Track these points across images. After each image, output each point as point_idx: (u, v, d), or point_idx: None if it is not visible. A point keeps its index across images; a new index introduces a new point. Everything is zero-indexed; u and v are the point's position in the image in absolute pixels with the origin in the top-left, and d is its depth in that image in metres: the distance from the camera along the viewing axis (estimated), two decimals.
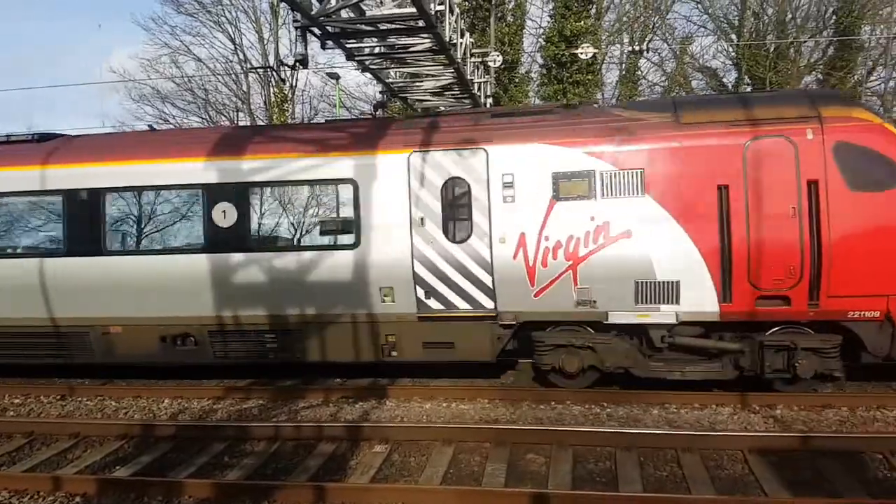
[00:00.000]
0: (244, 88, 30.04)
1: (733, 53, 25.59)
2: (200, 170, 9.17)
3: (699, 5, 26.65)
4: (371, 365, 9.47)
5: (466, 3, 21.86)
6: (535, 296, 8.40)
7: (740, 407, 8.19)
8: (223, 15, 29.40)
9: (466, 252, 8.57)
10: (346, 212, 8.91)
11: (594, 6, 23.79)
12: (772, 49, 25.26)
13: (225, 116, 29.81)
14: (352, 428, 7.60)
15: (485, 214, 8.49)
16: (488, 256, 8.49)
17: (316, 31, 9.87)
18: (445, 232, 8.61)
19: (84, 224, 9.37)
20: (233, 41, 29.76)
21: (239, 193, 9.08)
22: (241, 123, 21.39)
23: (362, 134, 9.20)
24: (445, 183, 8.63)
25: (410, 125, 9.22)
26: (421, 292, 8.69)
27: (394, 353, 9.05)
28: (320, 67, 25.53)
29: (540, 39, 24.90)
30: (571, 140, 8.36)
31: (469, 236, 8.57)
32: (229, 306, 9.13)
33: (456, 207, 8.62)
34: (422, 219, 8.64)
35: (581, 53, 18.40)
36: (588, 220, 8.19)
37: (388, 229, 8.71)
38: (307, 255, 8.92)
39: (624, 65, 24.49)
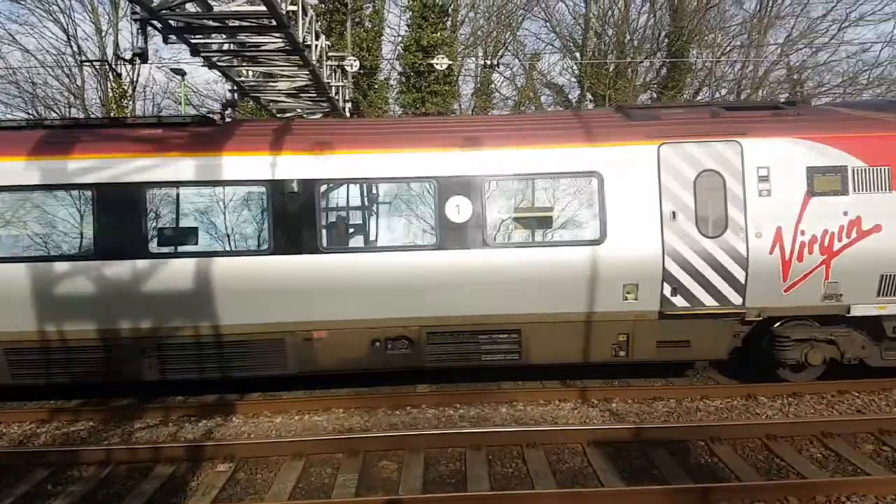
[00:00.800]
0: (78, 83, 27.64)
1: (577, 71, 27.24)
2: (431, 161, 8.43)
3: (547, 24, 28.16)
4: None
5: (322, 6, 21.55)
6: (785, 291, 8.42)
7: (581, 401, 8.66)
8: (55, 3, 26.90)
9: (720, 246, 8.39)
10: (590, 205, 8.47)
11: (450, 19, 24.40)
12: (612, 68, 27.22)
13: (55, 112, 27.21)
14: (192, 447, 7.13)
15: (740, 208, 8.35)
16: (744, 251, 8.35)
17: (157, 24, 9.26)
18: (698, 226, 8.40)
19: (296, 219, 8.30)
20: (66, 31, 27.30)
21: (473, 186, 8.41)
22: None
23: (606, 123, 8.86)
24: (698, 175, 8.43)
25: (655, 115, 8.98)
26: (668, 289, 8.42)
27: (622, 353, 8.74)
28: (165, 62, 24.09)
29: (398, 47, 25.13)
30: (825, 135, 8.46)
31: (724, 231, 8.38)
32: (454, 306, 8.44)
33: (709, 201, 8.39)
34: (673, 213, 8.38)
35: (437, 64, 18.75)
36: (841, 214, 8.32)
37: (637, 224, 8.36)
38: (547, 251, 8.45)
39: (478, 78, 25.30)
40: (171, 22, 9.33)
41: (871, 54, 26.80)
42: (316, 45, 13.18)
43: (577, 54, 27.28)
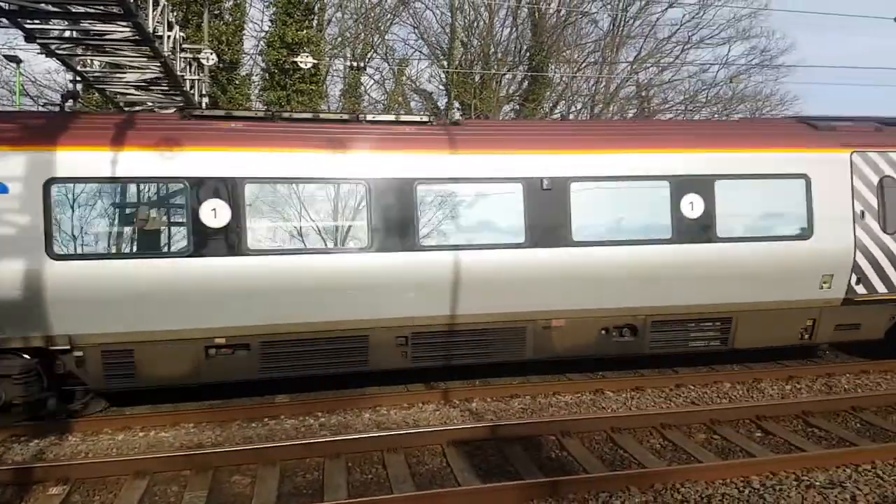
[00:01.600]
0: None
1: (445, 79, 27.78)
2: (663, 162, 9.13)
3: (416, 30, 28.47)
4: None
5: None
6: None
7: (443, 402, 8.78)
8: None
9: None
10: (799, 204, 9.45)
11: (316, 18, 23.97)
12: (477, 78, 28.00)
13: None
14: (20, 470, 6.44)
15: None
16: None
17: None
18: (880, 223, 9.64)
19: (550, 213, 8.73)
20: None
21: (705, 185, 9.10)
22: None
23: (804, 132, 9.97)
24: (880, 180, 9.70)
25: (836, 127, 10.12)
26: (854, 278, 9.58)
27: (806, 336, 9.85)
28: None
29: (262, 43, 24.32)
30: None
31: None
32: (678, 295, 9.19)
33: (887, 202, 9.69)
34: (862, 212, 9.59)
35: (301, 62, 18.33)
36: None
37: (836, 221, 9.49)
38: (763, 245, 9.32)
39: (346, 79, 25.07)
40: (2, 4, 8.46)
41: (710, 75, 29.41)
42: (168, 36, 12.46)
43: (445, 62, 27.80)
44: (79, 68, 13.10)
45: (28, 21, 9.73)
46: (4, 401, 7.51)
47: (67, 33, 10.86)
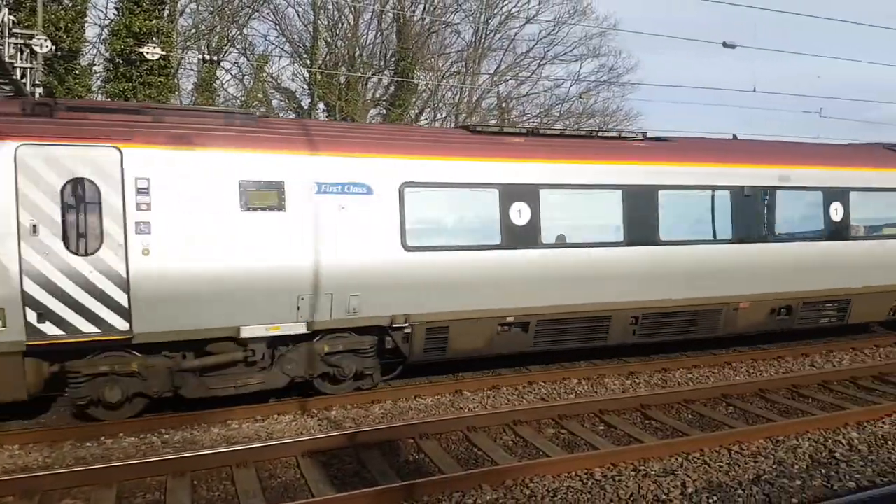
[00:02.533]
0: None
1: (308, 79, 27.22)
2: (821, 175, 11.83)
3: (277, 26, 27.65)
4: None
5: None
6: None
7: (300, 413, 8.53)
8: None
9: None
10: None
11: (166, 7, 22.59)
12: (343, 80, 27.68)
13: None
14: None
15: None
16: None
17: None
18: None
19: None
20: None
21: (844, 195, 11.87)
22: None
23: None
24: None
25: None
26: None
27: (891, 315, 12.78)
28: None
29: (106, 31, 22.54)
30: None
31: None
32: (822, 281, 11.71)
33: None
34: None
35: (147, 53, 17.17)
36: None
37: None
38: (886, 242, 12.39)
39: (200, 73, 23.82)
40: None
41: (563, 90, 31.05)
42: None
43: (308, 61, 27.23)
44: None
45: None
46: (356, 372, 9.03)
47: None
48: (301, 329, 8.49)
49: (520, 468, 6.45)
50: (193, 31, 24.16)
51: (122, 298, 7.54)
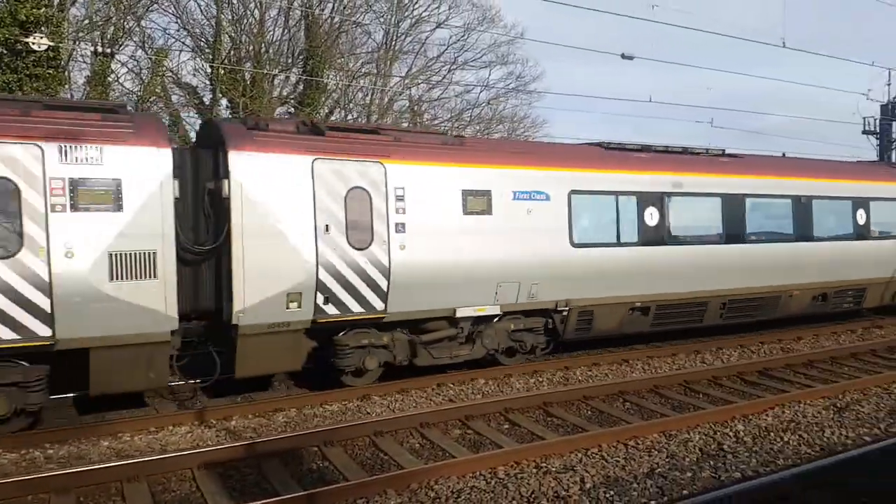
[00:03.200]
0: None
1: (210, 74, 26.19)
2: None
3: (178, 19, 26.46)
4: None
5: None
6: None
7: (197, 423, 8.18)
8: None
9: None
10: None
11: None
12: (248, 77, 26.80)
13: None
14: None
15: None
16: None
17: None
18: None
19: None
20: None
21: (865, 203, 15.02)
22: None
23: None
24: None
25: None
26: None
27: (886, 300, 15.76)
28: None
29: None
30: None
31: None
32: (846, 274, 14.66)
33: None
34: None
35: (33, 43, 16.00)
36: None
37: None
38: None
39: (93, 65, 22.42)
40: None
41: (473, 95, 31.41)
42: None
43: (211, 57, 26.19)
44: None
45: None
46: (532, 346, 11.14)
47: None
48: (497, 311, 10.55)
49: (425, 471, 6.44)
50: (87, 21, 22.69)
51: (384, 284, 9.40)
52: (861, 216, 14.73)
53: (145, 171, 7.84)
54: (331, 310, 9.09)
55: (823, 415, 8.54)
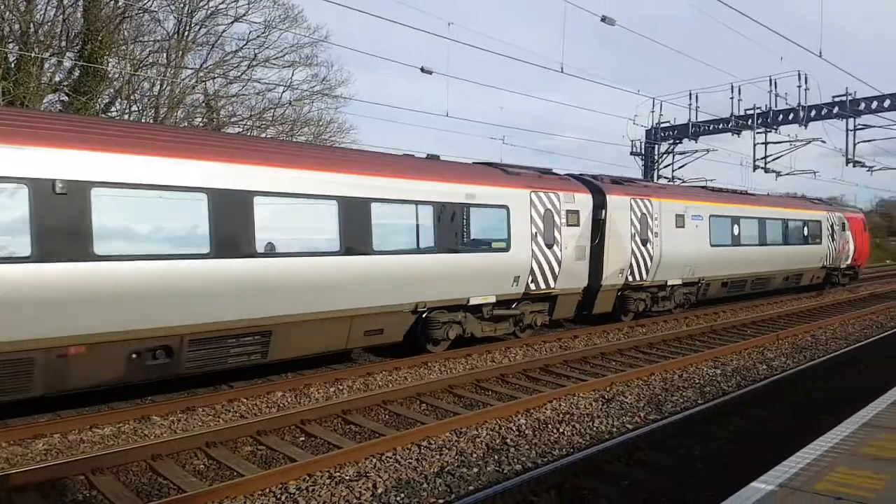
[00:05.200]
0: None
1: None
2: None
3: None
4: None
5: None
6: None
7: None
8: None
9: None
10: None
11: None
12: (12, 59, 23.54)
13: None
14: None
15: None
16: None
17: None
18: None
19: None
20: None
21: None
22: None
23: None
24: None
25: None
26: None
27: None
28: None
29: None
30: None
31: None
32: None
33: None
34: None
35: None
36: None
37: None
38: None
39: None
40: None
41: (276, 94, 30.37)
42: None
43: None
44: None
45: None
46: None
47: None
48: (679, 282, 18.48)
49: (209, 493, 6.03)
50: None
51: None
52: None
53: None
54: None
55: (594, 406, 9.45)
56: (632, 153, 34.06)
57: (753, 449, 7.44)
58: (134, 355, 8.43)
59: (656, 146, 34.00)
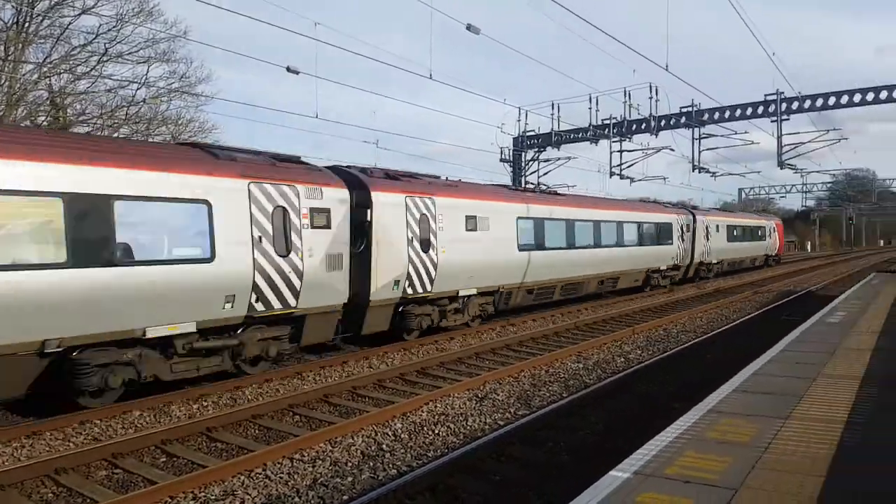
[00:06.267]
0: None
1: None
2: None
3: None
4: None
5: None
6: None
7: None
8: None
9: None
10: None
11: None
12: None
13: None
14: None
15: None
16: None
17: None
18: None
19: None
20: None
21: None
22: None
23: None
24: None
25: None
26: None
27: None
28: None
29: None
30: None
31: None
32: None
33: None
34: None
35: None
36: None
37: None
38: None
39: None
40: None
41: (130, 91, 28.38)
42: None
43: None
44: None
45: None
46: None
47: None
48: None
49: None
50: None
51: None
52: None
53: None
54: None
55: (468, 405, 9.65)
56: (501, 160, 35.21)
57: (613, 438, 7.91)
58: None
59: (523, 154, 35.38)
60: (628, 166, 31.99)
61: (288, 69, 16.49)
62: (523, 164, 35.50)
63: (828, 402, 6.90)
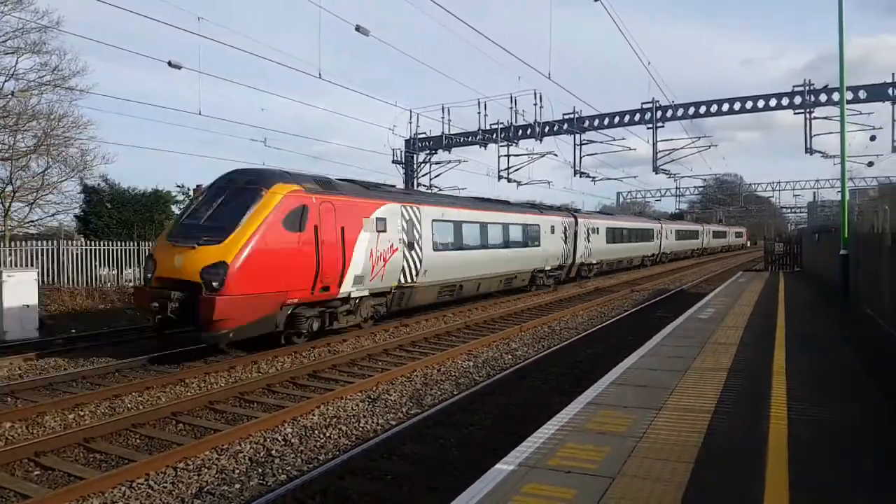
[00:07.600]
0: None
1: None
2: None
3: None
4: None
5: None
6: None
7: None
8: None
9: None
10: None
11: None
12: None
13: None
14: None
15: None
16: None
17: None
18: None
19: None
20: None
21: None
22: None
23: None
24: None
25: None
26: None
27: None
28: None
29: None
30: None
31: None
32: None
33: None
34: None
35: None
36: None
37: None
38: None
39: None
40: None
41: None
42: None
43: None
44: None
45: None
46: None
47: None
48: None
49: None
50: None
51: None
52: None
53: None
54: None
55: (360, 406, 9.71)
56: (393, 161, 35.38)
57: (500, 432, 8.26)
58: None
59: (415, 156, 35.71)
60: (515, 170, 33.05)
61: (170, 64, 15.79)
62: (415, 166, 35.83)
63: (697, 393, 7.56)
